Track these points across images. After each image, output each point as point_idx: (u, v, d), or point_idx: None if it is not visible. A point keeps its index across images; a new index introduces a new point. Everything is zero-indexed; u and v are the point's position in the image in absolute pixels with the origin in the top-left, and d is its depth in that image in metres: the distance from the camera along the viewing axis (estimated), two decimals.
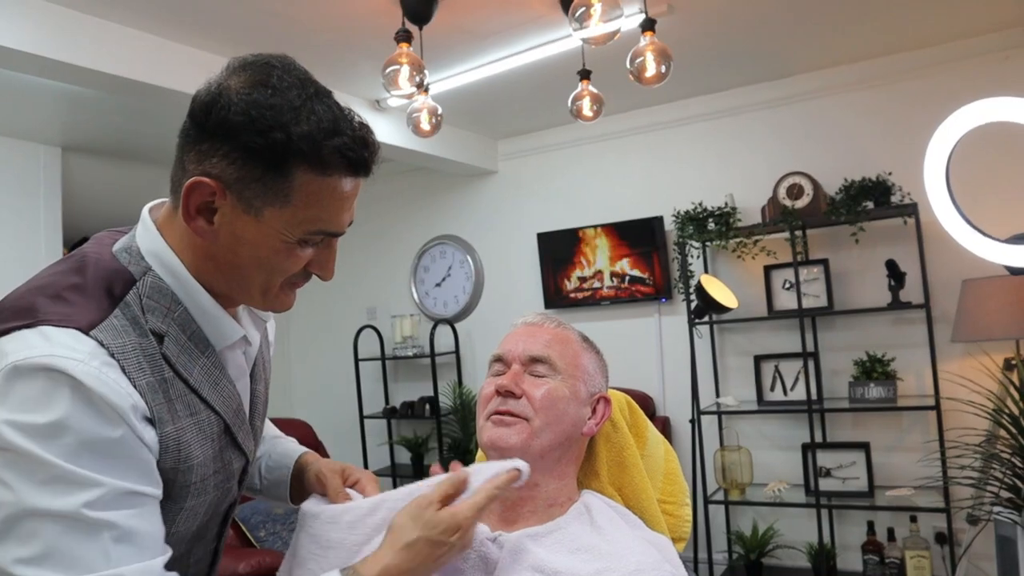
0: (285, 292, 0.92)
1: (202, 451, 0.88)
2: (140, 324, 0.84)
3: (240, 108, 0.79)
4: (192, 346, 0.88)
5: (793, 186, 3.46)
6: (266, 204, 0.82)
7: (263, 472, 1.17)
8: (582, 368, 1.13)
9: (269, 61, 0.84)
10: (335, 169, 0.83)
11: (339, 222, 0.88)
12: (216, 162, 0.81)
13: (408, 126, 2.79)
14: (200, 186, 0.81)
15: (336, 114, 0.83)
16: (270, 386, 1.21)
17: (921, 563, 3.13)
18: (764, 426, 3.74)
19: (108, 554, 0.74)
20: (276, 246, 0.85)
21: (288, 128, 0.79)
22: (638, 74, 2.33)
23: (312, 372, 5.25)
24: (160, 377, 0.84)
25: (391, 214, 4.95)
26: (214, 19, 2.65)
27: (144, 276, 0.86)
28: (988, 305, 2.90)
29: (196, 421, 0.87)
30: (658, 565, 0.98)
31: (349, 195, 0.87)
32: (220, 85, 0.82)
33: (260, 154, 0.80)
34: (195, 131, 0.83)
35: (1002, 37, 3.19)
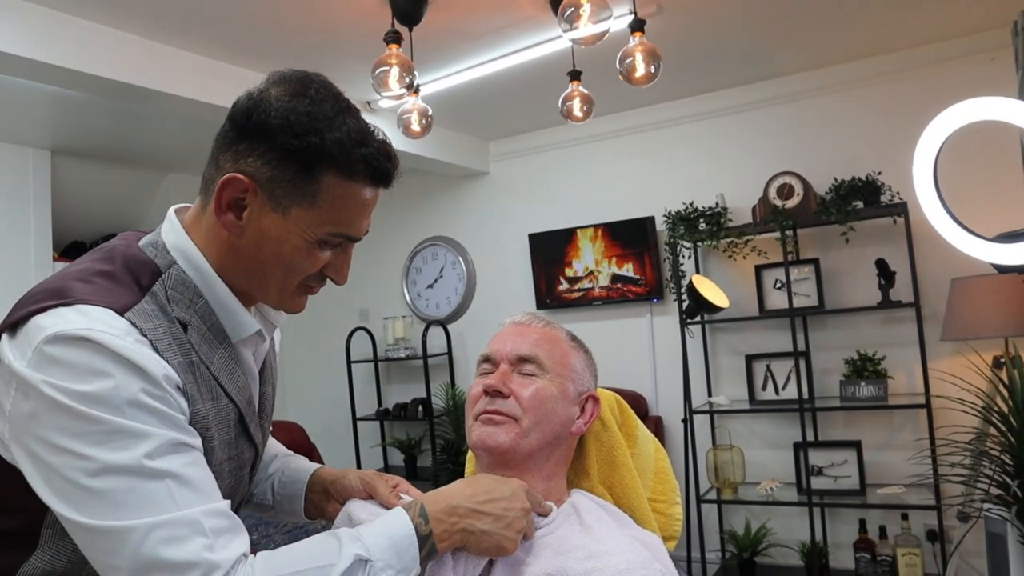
0: (300, 293, 0.98)
1: (219, 435, 0.93)
2: (167, 312, 0.89)
3: (280, 113, 0.87)
4: (212, 337, 0.93)
5: (783, 186, 3.47)
6: (294, 203, 0.89)
7: (276, 488, 1.19)
8: (570, 367, 1.13)
9: (308, 75, 0.91)
10: (360, 176, 0.90)
11: (358, 227, 0.94)
12: (252, 161, 0.88)
13: (398, 127, 2.79)
14: (235, 182, 0.88)
15: (365, 128, 0.91)
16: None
17: (913, 560, 3.14)
18: (756, 425, 3.75)
19: (174, 498, 0.79)
20: (298, 244, 0.91)
21: (322, 134, 0.87)
22: (628, 74, 2.33)
23: (305, 374, 5.24)
24: (188, 360, 0.89)
25: (383, 216, 4.94)
26: (204, 22, 2.64)
27: (169, 269, 0.92)
28: (977, 303, 2.91)
29: (217, 406, 0.92)
30: (647, 564, 0.98)
31: (369, 203, 0.94)
32: (261, 93, 0.89)
33: (294, 156, 0.87)
34: (234, 133, 0.90)
35: (988, 38, 3.21)
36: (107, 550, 0.77)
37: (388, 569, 0.84)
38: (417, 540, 0.88)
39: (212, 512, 0.81)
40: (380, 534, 0.87)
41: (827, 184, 3.43)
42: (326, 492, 1.15)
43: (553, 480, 1.11)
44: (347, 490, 1.11)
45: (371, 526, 0.89)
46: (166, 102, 2.86)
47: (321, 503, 1.15)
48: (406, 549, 0.87)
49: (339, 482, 1.13)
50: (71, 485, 0.78)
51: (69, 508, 0.78)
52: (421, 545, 0.88)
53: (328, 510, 1.14)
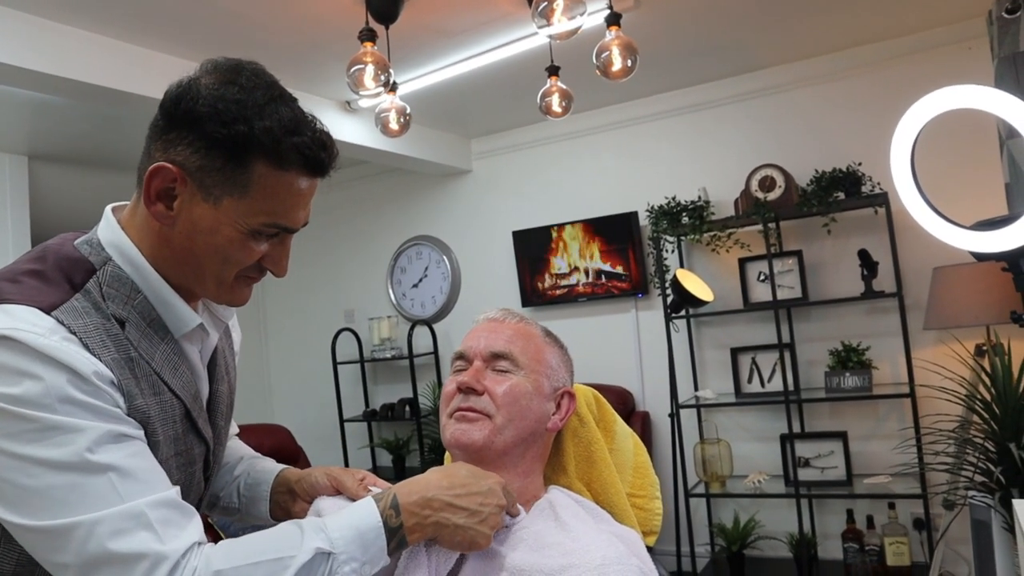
0: (239, 285, 0.95)
1: (164, 431, 0.91)
2: (102, 309, 0.87)
3: (208, 100, 0.85)
4: (152, 332, 0.91)
5: (765, 178, 3.48)
6: (224, 193, 0.86)
7: (241, 490, 1.17)
8: (545, 363, 1.12)
9: (240, 63, 0.90)
10: (292, 165, 0.87)
11: (294, 218, 0.92)
12: (181, 150, 0.86)
13: (377, 126, 2.77)
14: (163, 171, 0.86)
15: (298, 116, 0.88)
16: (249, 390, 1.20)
17: (900, 549, 3.16)
18: (742, 418, 3.76)
19: (117, 490, 0.78)
20: (231, 235, 0.88)
21: (251, 122, 0.84)
22: (605, 69, 2.32)
23: (291, 376, 5.21)
24: (126, 356, 0.87)
25: (367, 216, 4.92)
26: (179, 24, 2.61)
27: (104, 266, 0.90)
28: (958, 292, 2.92)
29: (159, 401, 0.90)
30: (624, 559, 0.97)
31: (305, 193, 0.91)
32: (191, 81, 0.87)
33: (222, 144, 0.85)
34: (164, 121, 0.88)
35: (964, 27, 3.22)
36: (53, 549, 0.76)
37: (352, 562, 0.83)
38: (385, 532, 0.86)
39: (158, 502, 0.80)
40: (346, 526, 0.85)
41: (808, 176, 3.43)
42: (291, 492, 1.13)
43: (529, 477, 1.10)
44: (314, 488, 1.09)
45: (338, 517, 0.87)
46: (143, 105, 2.83)
47: (287, 503, 1.13)
48: (372, 541, 0.85)
49: (304, 481, 1.11)
50: (10, 486, 0.77)
51: (10, 511, 0.77)
52: (389, 537, 0.87)
53: (294, 510, 1.11)
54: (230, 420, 1.12)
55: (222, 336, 1.07)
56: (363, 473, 1.10)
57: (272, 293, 5.33)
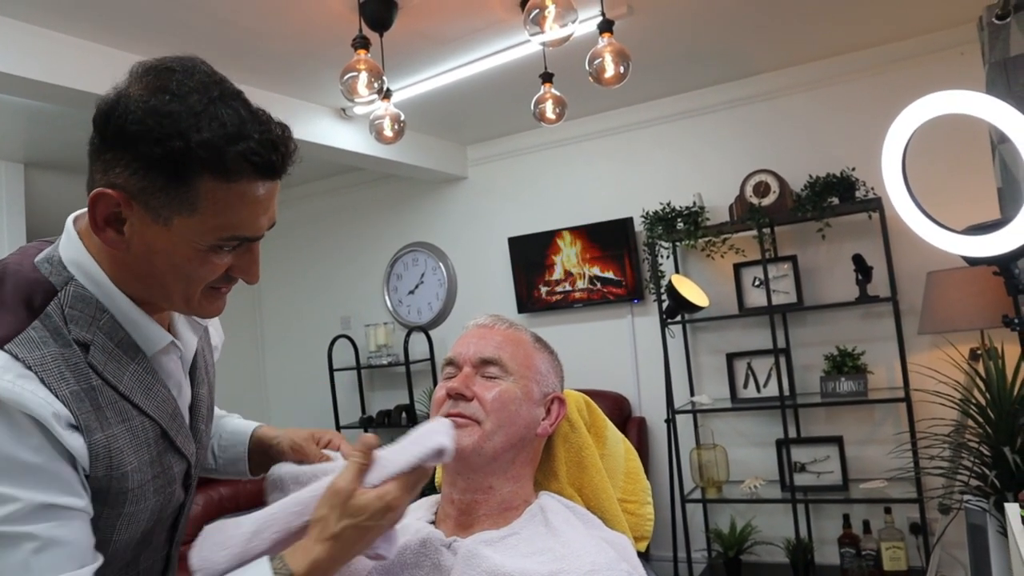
0: (209, 298, 0.90)
1: (136, 457, 0.87)
2: (63, 334, 0.82)
3: (137, 117, 0.77)
4: (121, 353, 0.87)
5: (759, 184, 3.49)
6: (173, 213, 0.80)
7: (216, 452, 1.19)
8: (535, 369, 1.13)
9: (171, 65, 0.81)
10: (241, 175, 0.80)
11: (255, 227, 0.85)
12: (119, 172, 0.79)
13: (371, 133, 2.77)
14: (104, 197, 0.80)
15: (242, 116, 0.80)
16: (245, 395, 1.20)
17: (896, 554, 3.16)
18: (739, 423, 3.76)
19: (29, 566, 0.74)
20: (188, 254, 0.83)
21: (187, 136, 0.77)
22: (597, 75, 2.33)
23: (287, 383, 5.20)
24: (87, 385, 0.83)
25: (363, 223, 4.93)
26: (174, 31, 2.62)
27: (66, 286, 0.85)
28: (952, 296, 2.93)
29: (129, 427, 0.86)
30: (614, 564, 0.97)
31: (263, 199, 0.84)
32: (120, 92, 0.80)
33: (160, 164, 0.78)
34: (98, 140, 0.81)
35: (957, 33, 3.23)
36: None
37: None
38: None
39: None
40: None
41: (802, 181, 3.44)
42: (267, 454, 1.16)
43: (520, 482, 1.10)
44: (281, 456, 1.12)
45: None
46: None
47: (264, 463, 1.15)
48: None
49: (273, 449, 1.14)
50: None
51: None
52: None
53: None
54: (211, 421, 1.10)
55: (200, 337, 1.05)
56: (329, 435, 1.11)
57: (268, 300, 5.33)
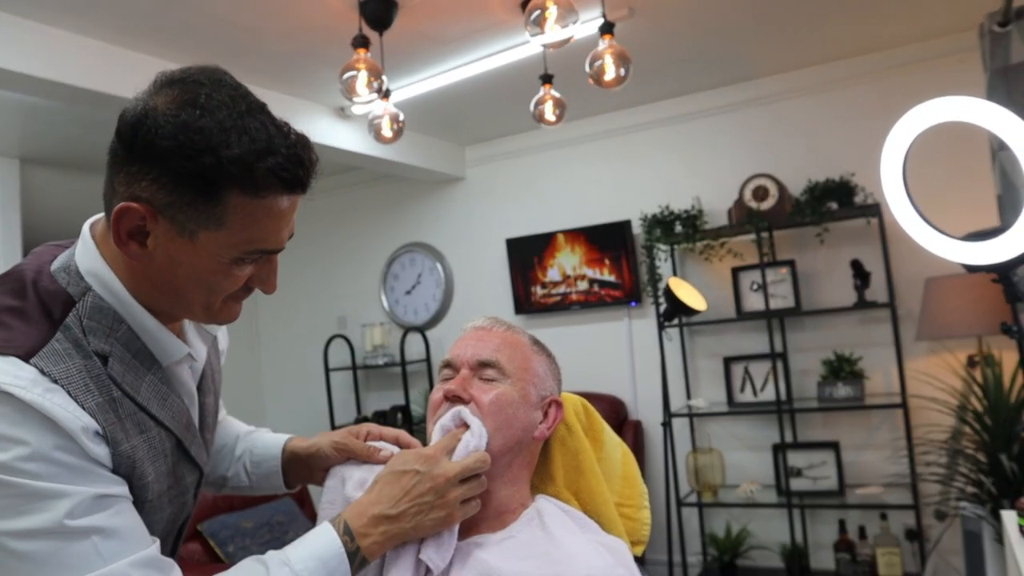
0: (228, 306, 0.91)
1: (155, 468, 0.88)
2: (83, 346, 0.83)
3: (168, 132, 0.77)
4: (138, 364, 0.87)
5: (759, 188, 3.48)
6: (200, 227, 0.81)
7: (249, 468, 1.19)
8: (532, 372, 1.12)
9: (198, 78, 0.81)
10: (269, 190, 0.81)
11: (277, 240, 0.87)
12: (146, 186, 0.79)
13: (370, 133, 2.77)
14: (130, 212, 0.80)
15: (270, 132, 0.81)
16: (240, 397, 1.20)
17: (892, 560, 3.15)
18: (735, 427, 3.75)
19: (101, 554, 0.77)
20: (213, 267, 0.84)
21: (218, 152, 0.77)
22: (598, 77, 2.33)
23: (283, 383, 5.19)
24: (109, 397, 0.83)
25: (360, 222, 4.92)
26: (172, 28, 2.61)
27: (84, 296, 0.85)
28: (950, 303, 2.93)
29: (147, 439, 0.87)
30: (610, 569, 0.96)
31: (286, 212, 0.85)
32: (146, 104, 0.80)
33: (190, 179, 0.78)
34: (123, 152, 0.81)
35: (957, 40, 3.24)
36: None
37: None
38: (347, 557, 0.89)
39: (140, 562, 0.79)
40: (309, 556, 0.87)
41: (801, 186, 3.44)
42: (307, 465, 1.16)
43: (516, 485, 1.09)
44: (326, 460, 1.12)
45: (299, 548, 0.88)
46: None
47: (303, 474, 1.17)
48: (336, 568, 0.87)
49: (315, 457, 1.14)
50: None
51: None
52: (351, 560, 0.89)
53: (316, 478, 1.15)
54: (215, 429, 1.11)
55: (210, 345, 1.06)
56: (366, 429, 1.13)
57: (265, 300, 5.31)
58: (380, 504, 0.93)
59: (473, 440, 1.00)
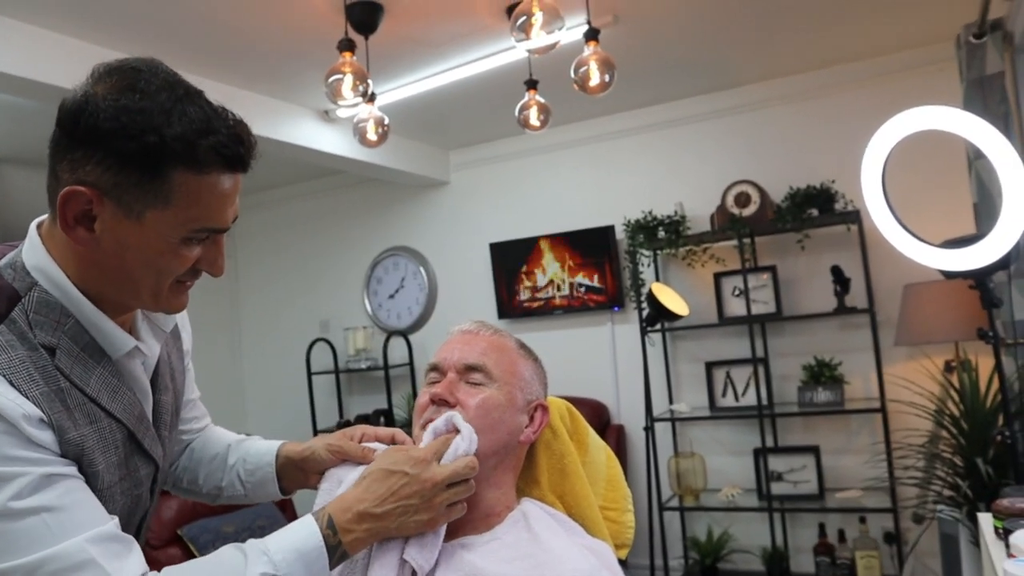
0: (175, 293, 0.92)
1: (105, 458, 0.89)
2: (28, 339, 0.84)
3: (109, 114, 0.79)
4: (87, 356, 0.88)
5: (741, 194, 3.52)
6: (147, 207, 0.82)
7: (243, 476, 1.18)
8: (519, 375, 1.12)
9: (135, 66, 0.84)
10: (212, 167, 0.83)
11: (222, 218, 0.88)
12: (91, 169, 0.81)
13: (355, 136, 2.76)
14: (76, 195, 0.81)
15: (208, 113, 0.84)
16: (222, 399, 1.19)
17: (871, 563, 3.19)
18: (717, 432, 3.78)
19: (52, 531, 0.77)
20: (161, 247, 0.85)
21: (161, 131, 0.80)
22: (583, 83, 2.34)
23: (264, 387, 5.16)
24: (56, 387, 0.84)
25: (343, 226, 4.90)
26: (155, 28, 2.59)
27: (30, 292, 0.86)
28: (928, 309, 2.97)
29: (97, 429, 0.88)
30: (595, 571, 0.97)
31: (230, 192, 0.87)
32: (86, 92, 0.81)
33: (135, 159, 0.80)
34: (65, 140, 0.82)
35: (934, 50, 3.29)
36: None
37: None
38: (326, 551, 0.88)
39: (98, 537, 0.79)
40: (288, 548, 0.86)
41: (783, 192, 3.48)
42: (301, 470, 1.15)
43: (502, 489, 1.10)
44: (321, 463, 1.12)
45: (279, 538, 0.88)
46: None
47: (298, 478, 1.17)
48: (315, 560, 0.87)
49: (309, 460, 1.14)
50: None
51: None
52: (331, 555, 0.89)
53: (310, 483, 1.15)
54: (175, 427, 1.11)
55: (165, 343, 1.06)
56: (360, 431, 1.13)
57: (247, 302, 5.28)
58: (366, 501, 0.92)
59: (463, 445, 0.99)
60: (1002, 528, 1.34)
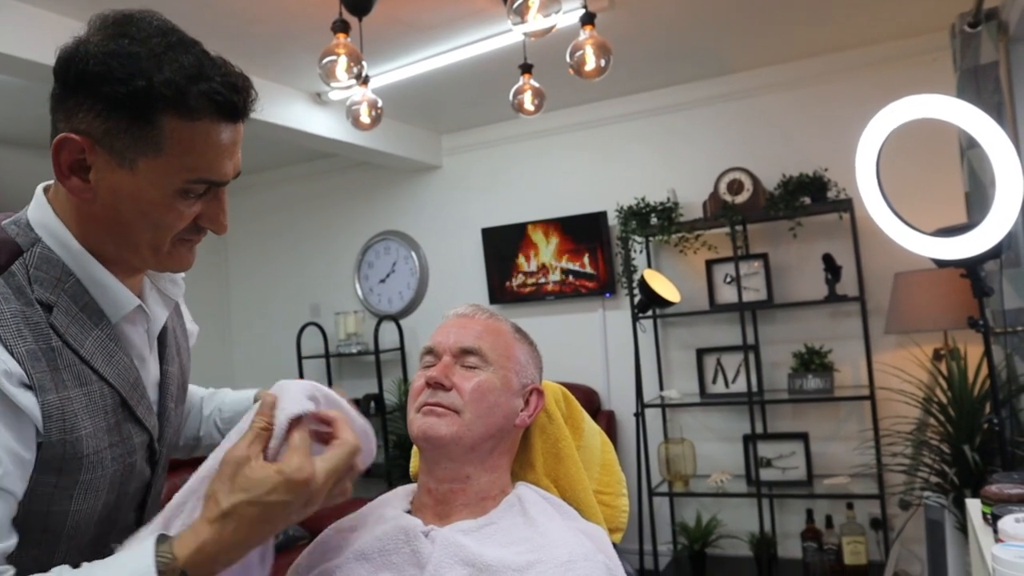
0: (179, 249, 0.90)
1: (92, 423, 0.86)
2: (25, 293, 0.82)
3: (98, 59, 0.78)
4: (85, 318, 0.86)
5: (733, 181, 3.52)
6: (139, 155, 0.81)
7: (220, 425, 1.17)
8: (514, 359, 1.12)
9: (130, 14, 0.84)
10: (203, 114, 0.81)
11: (220, 170, 0.86)
12: (82, 117, 0.80)
13: (348, 119, 2.74)
14: (68, 142, 0.80)
15: (202, 61, 0.82)
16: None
17: (857, 548, 3.22)
18: (707, 418, 3.80)
19: None
20: (155, 198, 0.83)
21: (149, 74, 0.78)
22: (578, 68, 2.33)
23: (255, 370, 5.14)
24: (46, 345, 0.82)
25: (335, 209, 4.88)
26: (146, 7, 2.55)
27: (33, 247, 0.85)
28: (918, 297, 2.99)
29: (86, 392, 0.86)
30: (591, 555, 0.97)
31: (226, 141, 0.85)
32: (79, 40, 0.81)
33: (123, 103, 0.79)
34: (60, 89, 0.82)
35: (929, 39, 3.29)
36: None
37: None
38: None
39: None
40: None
41: (776, 180, 3.48)
42: None
43: (497, 472, 1.10)
44: None
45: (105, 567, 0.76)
46: None
47: None
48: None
49: None
50: None
51: None
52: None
53: None
54: (182, 401, 1.08)
55: (172, 316, 1.03)
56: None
57: (237, 285, 5.26)
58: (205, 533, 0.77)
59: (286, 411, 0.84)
60: (991, 514, 1.36)
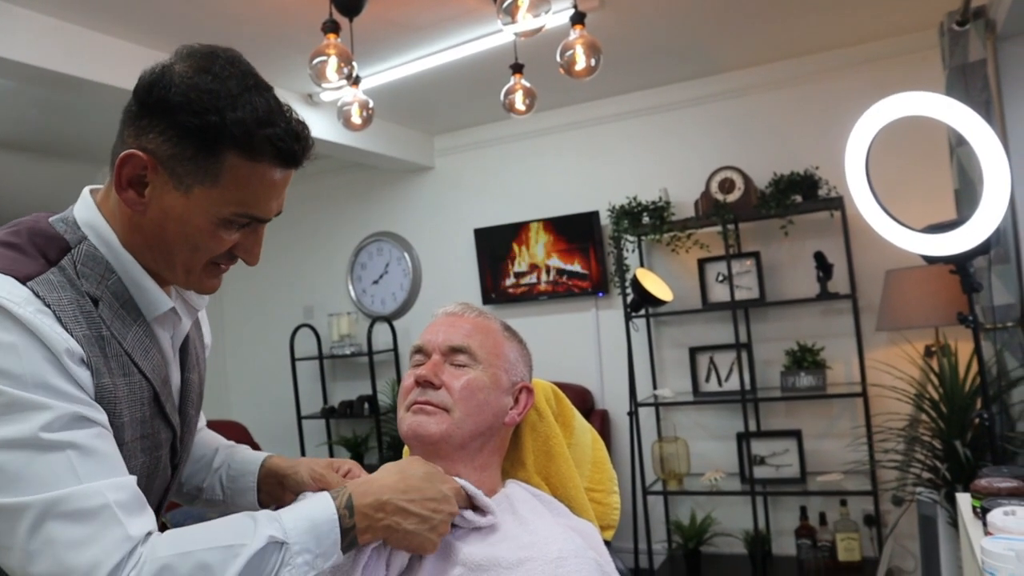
0: (209, 273, 0.95)
1: (130, 412, 0.90)
2: (76, 285, 0.87)
3: (180, 90, 0.84)
4: (125, 314, 0.91)
5: (725, 180, 3.53)
6: (196, 182, 0.86)
7: (225, 482, 1.18)
8: (504, 357, 1.12)
9: (216, 51, 0.89)
10: (264, 156, 0.87)
11: (266, 208, 0.92)
12: (152, 138, 0.86)
13: (339, 120, 2.74)
14: (133, 158, 0.86)
15: (272, 107, 0.89)
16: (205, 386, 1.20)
17: (851, 545, 3.23)
18: (700, 417, 3.81)
19: (76, 470, 0.77)
20: (201, 224, 0.89)
21: (224, 113, 0.84)
22: (568, 67, 2.33)
23: (248, 372, 5.13)
24: (97, 334, 0.87)
25: (327, 211, 4.87)
26: (139, 9, 2.55)
27: (79, 244, 0.90)
28: (909, 294, 3.00)
29: (128, 382, 0.90)
30: (581, 552, 0.98)
31: (278, 184, 0.91)
32: (165, 67, 0.87)
33: (194, 133, 0.84)
34: (137, 107, 0.87)
35: (919, 38, 3.30)
36: (2, 531, 0.75)
37: (305, 553, 0.82)
38: (340, 527, 0.86)
39: (118, 486, 0.79)
40: (301, 517, 0.85)
41: (767, 178, 3.49)
42: (281, 485, 1.14)
43: (487, 471, 1.10)
44: (300, 485, 1.11)
45: (292, 508, 0.87)
46: (97, 92, 2.75)
47: (277, 493, 1.15)
48: (326, 534, 0.85)
49: (291, 478, 1.13)
50: None
51: None
52: (343, 535, 0.87)
53: (286, 500, 1.13)
54: (200, 409, 1.12)
55: (193, 326, 1.07)
56: (348, 466, 1.12)
57: (230, 288, 5.24)
58: (389, 491, 0.92)
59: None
60: (980, 507, 1.36)
